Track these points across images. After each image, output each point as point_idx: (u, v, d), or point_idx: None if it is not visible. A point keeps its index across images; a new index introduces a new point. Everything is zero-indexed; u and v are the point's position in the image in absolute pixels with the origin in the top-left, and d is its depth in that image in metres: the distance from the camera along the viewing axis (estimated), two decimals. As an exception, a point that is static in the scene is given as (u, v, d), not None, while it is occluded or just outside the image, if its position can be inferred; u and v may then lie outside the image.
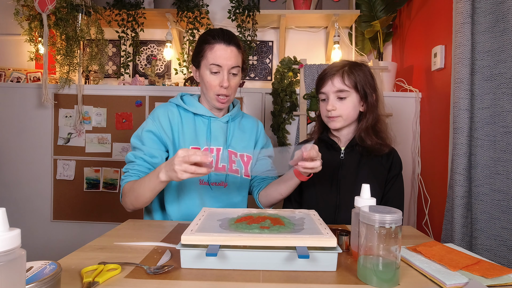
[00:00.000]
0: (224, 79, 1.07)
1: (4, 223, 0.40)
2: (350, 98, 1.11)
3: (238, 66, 1.10)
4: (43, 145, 2.07)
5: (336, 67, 1.13)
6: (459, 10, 1.32)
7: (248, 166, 1.18)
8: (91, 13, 2.05)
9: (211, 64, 1.07)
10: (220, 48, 1.07)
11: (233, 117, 1.20)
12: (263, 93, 2.04)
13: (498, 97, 1.25)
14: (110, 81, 2.50)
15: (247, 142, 1.21)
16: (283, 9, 2.19)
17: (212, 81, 1.09)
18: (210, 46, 1.08)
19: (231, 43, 1.08)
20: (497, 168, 1.25)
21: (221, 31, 1.10)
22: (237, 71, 1.11)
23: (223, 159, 1.14)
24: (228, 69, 1.08)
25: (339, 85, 1.11)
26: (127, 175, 1.06)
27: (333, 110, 1.12)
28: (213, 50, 1.07)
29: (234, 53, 1.08)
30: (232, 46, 1.08)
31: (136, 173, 1.06)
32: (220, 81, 1.08)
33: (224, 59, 1.07)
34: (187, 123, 1.13)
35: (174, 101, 1.16)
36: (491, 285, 0.61)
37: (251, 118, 1.29)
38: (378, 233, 0.60)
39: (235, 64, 1.09)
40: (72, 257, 0.71)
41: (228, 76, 1.09)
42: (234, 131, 1.19)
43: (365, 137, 1.12)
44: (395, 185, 1.14)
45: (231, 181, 1.14)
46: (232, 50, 1.08)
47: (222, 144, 1.15)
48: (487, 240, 1.27)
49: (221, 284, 0.60)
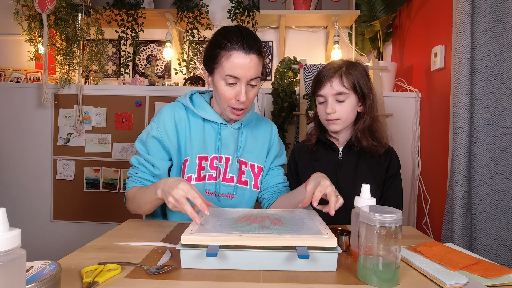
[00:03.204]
0: (242, 93, 0.93)
1: (4, 223, 0.40)
2: (349, 100, 1.10)
3: (258, 77, 0.95)
4: (43, 145, 2.07)
5: (333, 68, 1.11)
6: (459, 10, 1.32)
7: (259, 178, 1.11)
8: (91, 13, 2.05)
9: (227, 75, 0.92)
10: (239, 56, 0.91)
11: (246, 122, 1.11)
12: (263, 93, 2.04)
13: (498, 97, 1.25)
14: (110, 81, 2.50)
15: (259, 151, 1.12)
16: (283, 9, 2.20)
17: (227, 93, 0.95)
18: (227, 54, 0.92)
19: (252, 49, 0.92)
20: (497, 168, 1.25)
21: (239, 34, 0.92)
22: (256, 81, 0.96)
23: (232, 170, 1.06)
24: (247, 81, 0.94)
25: (338, 87, 1.09)
26: (131, 180, 1.03)
27: (333, 113, 1.10)
28: (230, 59, 0.91)
29: (254, 62, 0.92)
30: (252, 54, 0.92)
31: (139, 180, 1.02)
32: (236, 94, 0.94)
33: (243, 70, 0.91)
34: (196, 128, 1.04)
35: (183, 102, 1.06)
36: (491, 285, 0.61)
37: (265, 121, 1.19)
38: (378, 233, 0.60)
39: (254, 75, 0.94)
40: (72, 257, 0.71)
41: (246, 89, 0.94)
42: (246, 139, 1.10)
43: (361, 137, 1.12)
44: (393, 184, 1.15)
45: (239, 193, 1.07)
46: (253, 58, 0.92)
47: (232, 153, 1.06)
48: (487, 240, 1.27)
49: (221, 284, 0.60)
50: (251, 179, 1.09)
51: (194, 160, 1.03)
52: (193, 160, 1.03)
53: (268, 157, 1.16)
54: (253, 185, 1.10)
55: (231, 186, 1.06)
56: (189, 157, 1.03)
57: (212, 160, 1.05)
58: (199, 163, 1.03)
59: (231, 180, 1.06)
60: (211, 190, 1.04)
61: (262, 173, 1.12)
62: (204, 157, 1.04)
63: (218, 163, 1.05)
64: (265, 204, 1.14)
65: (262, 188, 1.14)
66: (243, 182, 1.08)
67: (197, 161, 1.03)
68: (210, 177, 1.04)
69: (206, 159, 1.04)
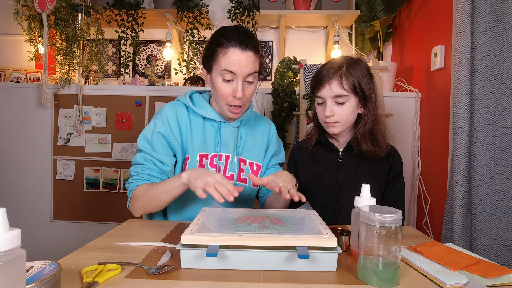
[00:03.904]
0: (238, 89, 0.96)
1: (4, 223, 0.40)
2: (348, 102, 1.06)
3: (255, 73, 0.99)
4: (43, 145, 2.07)
5: (333, 68, 1.06)
6: (459, 10, 1.32)
7: (257, 176, 1.12)
8: (91, 13, 2.05)
9: (223, 70, 0.95)
10: (235, 53, 0.94)
11: (245, 121, 1.13)
12: (263, 93, 2.04)
13: (498, 97, 1.25)
14: (110, 81, 2.50)
15: (258, 149, 1.14)
16: (283, 9, 2.20)
17: (224, 89, 0.98)
18: (223, 50, 0.95)
19: (248, 47, 0.95)
20: (497, 168, 1.25)
21: (236, 32, 0.97)
22: (253, 78, 0.99)
23: (232, 168, 1.07)
24: (244, 77, 0.96)
25: (337, 89, 1.04)
26: (136, 178, 1.00)
27: (331, 116, 1.07)
28: (227, 55, 0.95)
29: (251, 59, 0.96)
30: (249, 50, 0.95)
31: (147, 177, 1.00)
32: (233, 90, 0.97)
33: (239, 66, 0.95)
34: (196, 127, 1.06)
35: (183, 101, 1.08)
36: (491, 285, 0.61)
37: (263, 119, 1.21)
38: (378, 233, 0.60)
39: (251, 71, 0.97)
40: (72, 257, 0.71)
41: (243, 85, 0.97)
42: (245, 137, 1.12)
43: (361, 141, 1.08)
44: (395, 187, 1.13)
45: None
46: (249, 55, 0.95)
47: (232, 151, 1.08)
48: (487, 240, 1.27)
49: (221, 284, 0.60)
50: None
51: (195, 158, 1.04)
52: (194, 158, 1.04)
53: (266, 155, 1.18)
54: (251, 183, 1.11)
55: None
56: (190, 155, 1.04)
57: (212, 158, 1.06)
58: (200, 161, 1.04)
59: (231, 178, 1.08)
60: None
61: (260, 171, 1.14)
62: (204, 155, 1.05)
63: (218, 161, 1.06)
64: (260, 201, 1.17)
65: (260, 186, 1.16)
66: (242, 180, 1.10)
67: (197, 159, 1.04)
68: None
69: (206, 157, 1.05)
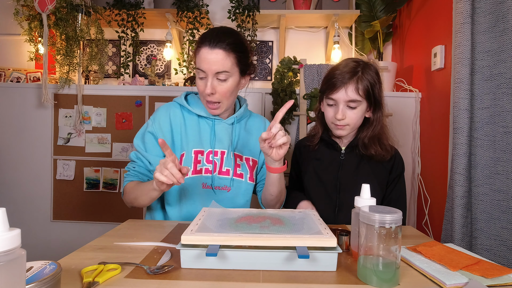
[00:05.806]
0: (208, 85, 1.00)
1: (4, 223, 0.40)
2: (360, 107, 1.07)
3: (226, 72, 1.00)
4: (43, 145, 2.06)
5: (349, 73, 1.05)
6: (459, 10, 1.32)
7: (254, 171, 1.15)
8: (91, 13, 2.05)
9: (196, 68, 1.02)
10: (205, 51, 0.99)
11: (239, 118, 1.16)
12: (263, 93, 2.04)
13: (498, 97, 1.25)
14: (110, 81, 2.50)
15: (253, 145, 1.16)
16: (283, 9, 2.19)
17: (199, 87, 1.04)
18: (198, 50, 1.02)
19: (218, 45, 0.98)
20: (497, 168, 1.25)
21: (210, 32, 1.02)
22: (226, 76, 1.01)
23: (228, 163, 1.10)
24: (213, 74, 1.00)
25: (353, 94, 1.05)
26: (129, 174, 1.08)
27: (343, 119, 1.07)
28: (199, 54, 1.01)
29: (219, 57, 0.98)
30: (217, 49, 0.98)
31: (136, 174, 1.08)
32: (205, 87, 1.02)
33: (207, 64, 0.99)
34: (191, 125, 1.10)
35: (178, 101, 1.13)
36: (491, 285, 0.61)
37: (258, 117, 1.24)
38: (378, 233, 0.60)
39: (220, 70, 0.99)
40: (72, 257, 0.71)
41: (213, 82, 1.01)
42: (239, 133, 1.15)
43: (369, 145, 1.10)
44: (397, 187, 1.14)
45: (235, 185, 1.11)
46: (218, 53, 0.98)
47: (227, 147, 1.11)
48: (487, 240, 1.27)
49: (221, 284, 0.60)
50: (246, 172, 1.13)
51: (190, 154, 1.07)
52: (189, 154, 1.07)
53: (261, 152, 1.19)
54: (248, 178, 1.13)
55: (228, 179, 1.10)
56: (185, 152, 1.07)
57: (208, 155, 1.09)
58: (195, 157, 1.07)
59: (227, 173, 1.10)
60: (207, 183, 1.08)
61: (257, 166, 1.17)
62: (200, 151, 1.08)
63: (213, 157, 1.09)
64: (259, 195, 1.18)
65: (257, 180, 1.19)
66: (238, 175, 1.12)
67: (192, 155, 1.07)
68: (207, 170, 1.08)
69: (202, 153, 1.08)
